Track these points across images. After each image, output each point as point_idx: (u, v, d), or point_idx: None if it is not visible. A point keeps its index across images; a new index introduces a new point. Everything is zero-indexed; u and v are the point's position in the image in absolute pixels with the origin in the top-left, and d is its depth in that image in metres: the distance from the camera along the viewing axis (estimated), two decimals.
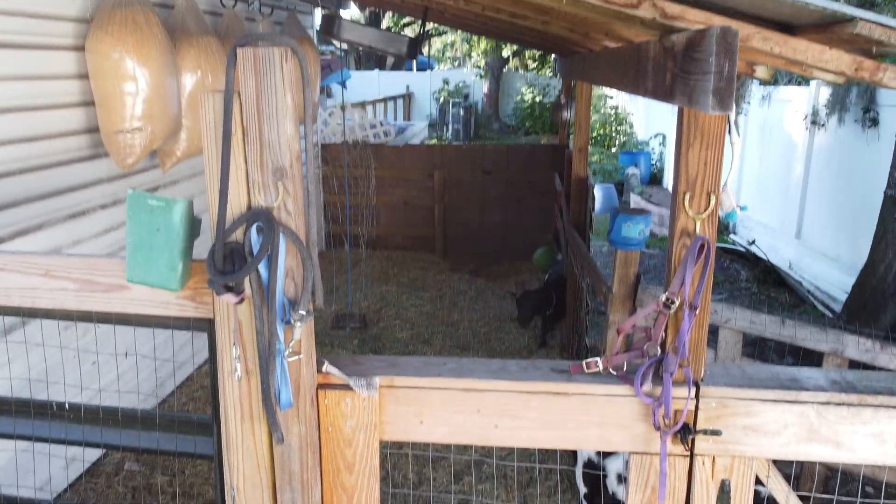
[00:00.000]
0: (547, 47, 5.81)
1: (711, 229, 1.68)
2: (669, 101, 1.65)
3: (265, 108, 1.56)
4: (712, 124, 1.62)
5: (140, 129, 3.18)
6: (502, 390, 1.79)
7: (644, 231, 3.11)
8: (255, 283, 1.61)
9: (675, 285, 1.68)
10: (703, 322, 1.72)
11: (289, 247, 1.63)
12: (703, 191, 1.65)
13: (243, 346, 1.70)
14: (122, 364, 3.52)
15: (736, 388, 1.74)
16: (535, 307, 5.57)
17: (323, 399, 1.81)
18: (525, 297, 5.63)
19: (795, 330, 2.84)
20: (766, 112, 8.97)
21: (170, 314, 1.84)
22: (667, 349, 1.73)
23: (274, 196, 1.60)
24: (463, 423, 1.81)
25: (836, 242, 7.09)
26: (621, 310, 3.20)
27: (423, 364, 1.89)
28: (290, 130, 1.57)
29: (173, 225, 1.67)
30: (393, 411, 1.82)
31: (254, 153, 1.59)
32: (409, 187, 7.98)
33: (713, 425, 1.75)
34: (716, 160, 1.64)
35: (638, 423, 1.77)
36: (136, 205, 1.69)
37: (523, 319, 5.62)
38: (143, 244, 1.69)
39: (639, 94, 2.06)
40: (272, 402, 1.65)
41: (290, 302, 1.64)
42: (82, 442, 2.01)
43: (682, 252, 1.69)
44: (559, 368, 1.86)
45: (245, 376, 1.72)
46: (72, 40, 3.27)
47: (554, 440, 1.81)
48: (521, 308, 5.61)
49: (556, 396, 1.78)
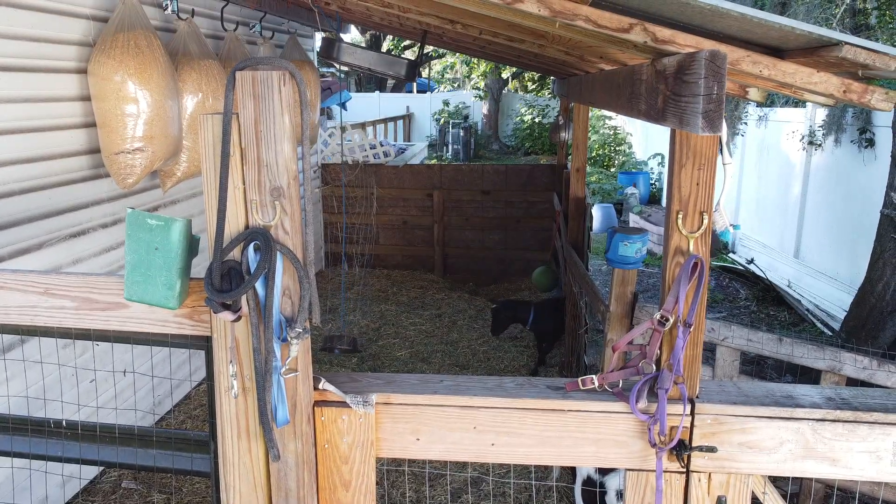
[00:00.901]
0: (544, 70, 5.88)
1: (705, 248, 1.70)
2: (661, 123, 1.68)
3: (263, 129, 1.59)
4: (704, 145, 1.64)
5: (141, 149, 3.22)
6: (498, 407, 1.80)
7: (641, 250, 3.13)
8: (252, 302, 1.63)
9: (669, 303, 1.70)
10: (698, 339, 1.74)
11: (286, 265, 1.64)
12: (695, 210, 1.68)
13: (240, 363, 1.71)
14: (121, 382, 3.53)
15: (731, 405, 1.75)
16: (510, 317, 5.68)
17: (319, 416, 1.81)
18: (502, 307, 5.76)
19: (793, 348, 2.85)
20: (764, 132, 9.04)
21: (168, 332, 1.85)
22: (662, 366, 1.75)
23: (271, 215, 1.63)
24: (459, 441, 1.82)
25: (834, 261, 7.12)
26: (619, 328, 3.21)
27: (420, 381, 1.90)
28: (287, 151, 1.60)
29: (172, 244, 1.69)
30: (389, 428, 1.83)
31: (252, 173, 1.61)
32: (408, 207, 8.02)
33: (709, 442, 1.75)
34: (708, 180, 1.66)
35: (634, 440, 1.77)
36: (135, 224, 1.71)
37: (495, 328, 5.77)
38: (142, 263, 1.71)
39: (633, 116, 2.09)
40: (269, 419, 1.66)
41: (286, 320, 1.66)
42: (79, 459, 2.02)
43: (675, 270, 1.71)
44: (555, 386, 1.87)
45: (242, 394, 1.73)
46: (75, 63, 3.32)
47: (550, 457, 1.82)
48: (495, 318, 5.75)
49: (552, 413, 1.78)
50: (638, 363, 1.78)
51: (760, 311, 7.09)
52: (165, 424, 4.31)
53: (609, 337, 3.21)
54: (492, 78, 22.46)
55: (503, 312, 5.71)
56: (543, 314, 5.62)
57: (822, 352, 2.81)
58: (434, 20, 3.32)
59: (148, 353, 3.86)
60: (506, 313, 5.70)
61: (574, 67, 3.67)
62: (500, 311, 5.73)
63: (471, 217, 7.92)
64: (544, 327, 5.62)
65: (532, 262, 7.54)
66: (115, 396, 3.21)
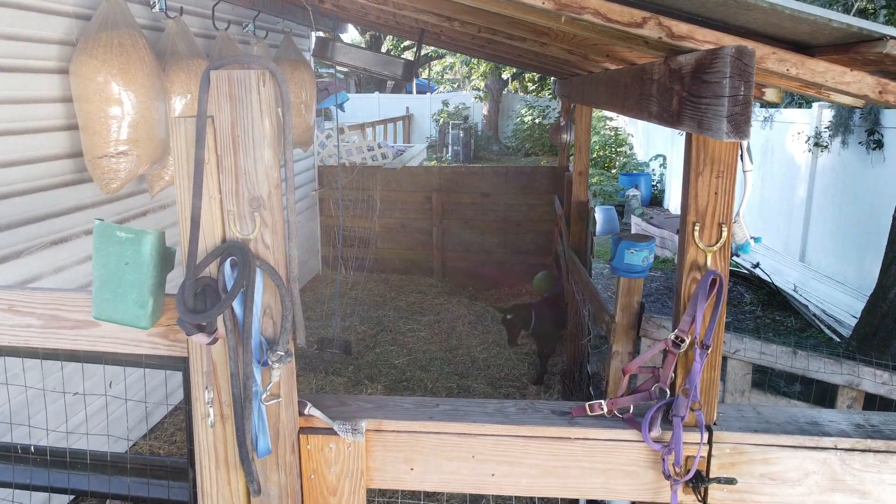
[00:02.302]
0: (545, 70, 5.74)
1: (723, 263, 1.56)
2: (676, 127, 1.54)
3: (241, 134, 1.45)
4: (723, 151, 1.50)
5: (125, 153, 3.08)
6: (499, 435, 1.66)
7: (648, 258, 3.00)
8: (229, 322, 1.49)
9: (684, 323, 1.56)
10: (716, 362, 1.60)
11: (266, 282, 1.51)
12: (713, 222, 1.54)
13: (217, 389, 1.57)
14: (93, 404, 3.37)
15: (752, 433, 1.61)
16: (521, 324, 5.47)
17: (305, 444, 1.68)
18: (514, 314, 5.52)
19: (808, 361, 2.71)
20: (768, 133, 8.90)
21: (141, 352, 1.71)
22: (676, 391, 1.61)
23: (250, 228, 1.49)
24: (457, 471, 1.68)
25: (841, 265, 6.97)
26: (624, 339, 3.08)
27: (414, 406, 1.76)
28: (267, 158, 1.46)
29: (143, 258, 1.55)
30: (381, 457, 1.69)
31: (228, 182, 1.47)
32: (406, 210, 7.87)
33: (727, 473, 1.61)
34: (727, 189, 1.52)
35: (646, 471, 1.63)
36: (103, 236, 1.57)
37: (512, 339, 5.57)
38: (112, 279, 1.57)
39: (642, 119, 1.95)
40: (248, 449, 1.52)
41: (267, 341, 1.52)
42: (48, 487, 1.87)
43: (692, 287, 1.57)
44: (560, 410, 1.73)
45: (220, 421, 1.59)
46: (56, 63, 3.18)
47: (555, 489, 1.68)
48: (509, 329, 5.53)
49: (558, 441, 1.65)
50: (650, 387, 1.64)
51: (766, 315, 6.95)
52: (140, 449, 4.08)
53: (615, 349, 3.07)
54: (492, 79, 22.32)
55: (515, 320, 5.47)
56: (543, 316, 5.42)
57: (839, 366, 2.67)
58: (431, 17, 3.18)
59: (125, 373, 3.71)
60: (517, 320, 5.47)
61: (577, 67, 3.54)
62: (513, 321, 5.47)
63: (470, 220, 7.77)
64: (545, 331, 5.43)
65: (533, 267, 7.39)
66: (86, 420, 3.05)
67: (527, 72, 15.57)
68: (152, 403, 4.17)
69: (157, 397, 4.20)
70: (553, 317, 5.48)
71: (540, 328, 5.40)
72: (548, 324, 5.43)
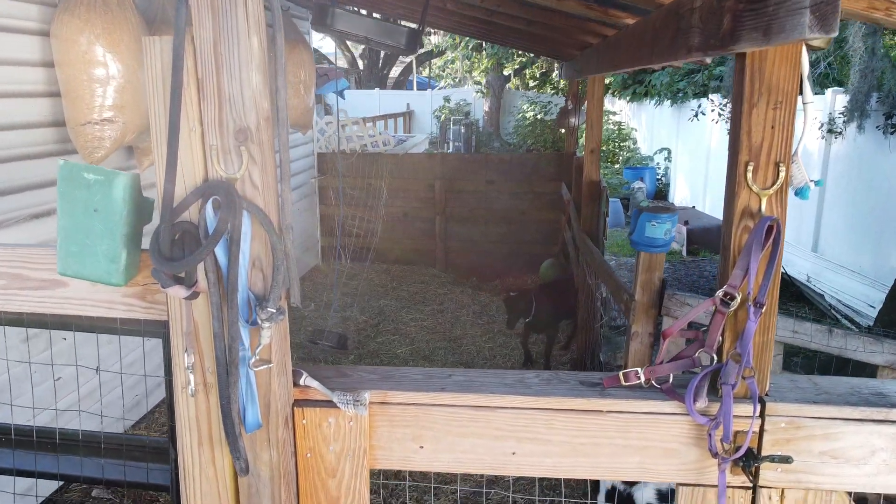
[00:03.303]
0: (551, 48, 5.54)
1: (781, 208, 1.36)
2: (728, 50, 1.34)
3: (225, 54, 1.25)
4: (781, 77, 1.30)
5: (110, 120, 2.88)
6: (521, 407, 1.46)
7: (670, 231, 2.80)
8: (212, 275, 1.29)
9: (735, 277, 1.36)
10: (770, 324, 1.40)
11: (255, 229, 1.30)
12: (769, 160, 1.34)
13: (200, 353, 1.37)
14: (87, 383, 3.18)
15: (810, 405, 1.41)
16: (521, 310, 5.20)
17: (300, 418, 1.48)
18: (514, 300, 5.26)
19: (846, 340, 2.51)
20: None
21: (115, 315, 1.51)
22: (725, 356, 1.41)
23: (237, 165, 1.29)
24: (472, 449, 1.48)
25: (856, 254, 6.77)
26: (645, 319, 2.88)
27: (424, 376, 1.56)
28: (255, 83, 1.26)
29: (114, 204, 1.35)
30: (386, 434, 1.49)
31: (211, 111, 1.27)
32: (408, 198, 7.66)
33: (782, 450, 1.41)
34: (786, 122, 1.33)
35: (688, 449, 1.43)
36: (68, 179, 1.37)
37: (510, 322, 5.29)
38: (78, 229, 1.37)
39: (678, 59, 1.75)
40: (234, 422, 1.32)
41: (256, 298, 1.32)
42: (12, 470, 1.68)
43: (743, 236, 1.37)
44: (589, 381, 1.53)
45: (203, 391, 1.39)
46: (37, 24, 2.98)
47: (584, 469, 1.48)
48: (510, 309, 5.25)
49: (587, 415, 1.45)
50: (694, 353, 1.44)
51: (780, 306, 6.74)
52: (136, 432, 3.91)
53: (634, 329, 2.87)
54: (493, 75, 22.10)
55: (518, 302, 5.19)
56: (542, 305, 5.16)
57: (880, 344, 2.47)
58: None
59: (126, 346, 3.51)
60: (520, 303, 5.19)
61: (591, 33, 3.33)
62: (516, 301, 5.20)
63: (474, 209, 7.56)
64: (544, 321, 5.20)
65: (538, 256, 7.18)
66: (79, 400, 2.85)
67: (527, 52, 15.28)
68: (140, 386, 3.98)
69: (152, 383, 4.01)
70: (552, 306, 5.25)
71: (539, 317, 5.17)
72: (547, 313, 5.21)
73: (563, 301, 5.36)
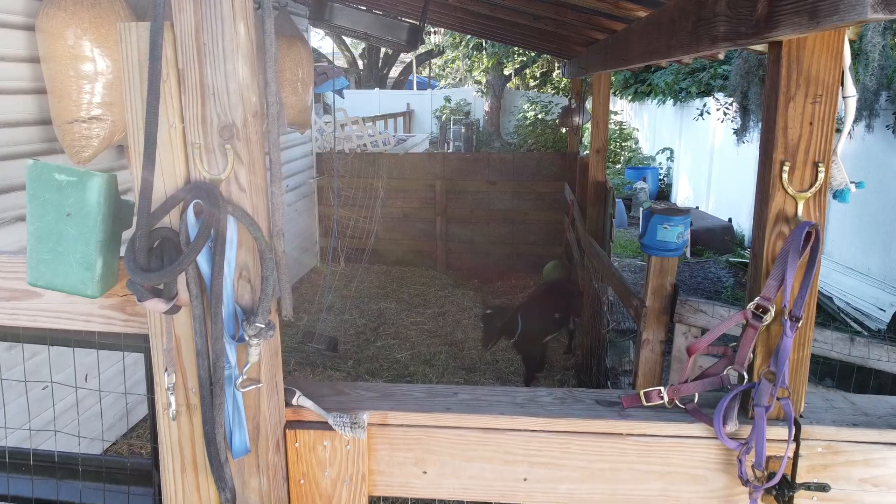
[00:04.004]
0: (555, 46, 5.42)
1: (819, 213, 1.24)
2: (762, 39, 1.22)
3: (208, 42, 1.13)
4: (822, 68, 1.18)
5: (99, 118, 2.76)
6: (533, 430, 1.34)
7: (683, 234, 2.68)
8: (194, 286, 1.17)
9: (769, 288, 1.24)
10: (806, 339, 1.28)
11: (242, 235, 1.18)
12: (807, 160, 1.22)
13: (182, 371, 1.25)
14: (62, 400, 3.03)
15: (849, 428, 1.29)
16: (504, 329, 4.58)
17: (293, 441, 1.36)
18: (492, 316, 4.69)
19: (868, 349, 2.39)
20: None
21: (92, 329, 1.39)
22: (756, 375, 1.29)
23: (221, 165, 1.17)
24: (480, 474, 1.36)
25: (864, 256, 6.65)
26: (656, 326, 2.76)
27: (427, 395, 1.44)
28: (242, 74, 1.14)
29: (89, 207, 1.23)
30: (387, 458, 1.37)
31: (193, 105, 1.15)
32: (408, 198, 7.53)
33: (818, 477, 1.30)
34: (826, 118, 1.21)
35: (717, 475, 1.32)
36: (38, 180, 1.25)
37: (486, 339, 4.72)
38: (50, 234, 1.25)
39: (699, 51, 1.63)
40: (218, 449, 1.20)
41: (244, 311, 1.20)
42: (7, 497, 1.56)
43: (777, 243, 1.25)
44: (606, 400, 1.41)
45: (186, 412, 1.28)
46: (22, 18, 2.86)
47: (601, 496, 1.36)
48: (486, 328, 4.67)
49: (606, 438, 1.33)
50: (722, 370, 1.32)
51: None
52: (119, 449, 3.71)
53: (645, 337, 2.75)
54: (493, 74, 21.97)
55: (496, 321, 4.61)
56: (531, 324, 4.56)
57: None
58: None
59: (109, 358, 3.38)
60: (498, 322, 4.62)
61: (599, 27, 3.22)
62: (493, 321, 4.63)
63: (475, 209, 7.43)
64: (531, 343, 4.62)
65: (541, 258, 7.06)
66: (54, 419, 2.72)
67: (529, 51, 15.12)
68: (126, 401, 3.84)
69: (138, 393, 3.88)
70: (542, 322, 4.75)
71: (526, 338, 4.62)
72: (536, 331, 4.69)
73: (554, 310, 4.87)
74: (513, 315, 4.64)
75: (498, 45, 17.98)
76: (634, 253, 9.31)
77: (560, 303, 4.95)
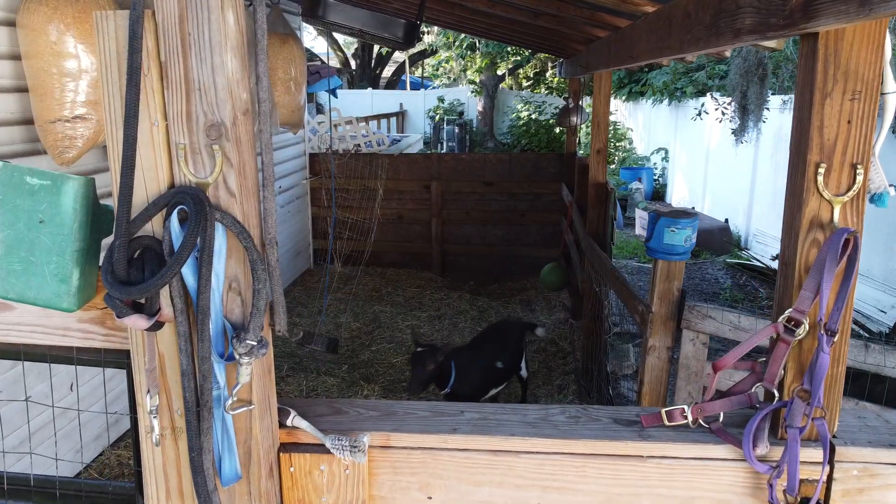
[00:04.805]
0: (554, 44, 5.33)
1: (857, 218, 1.15)
2: (797, 31, 1.13)
3: (194, 33, 1.03)
4: (861, 62, 1.09)
5: (83, 117, 2.65)
6: (546, 452, 1.25)
7: (691, 238, 2.59)
8: (179, 301, 1.07)
9: (803, 300, 1.15)
10: (842, 355, 1.19)
11: (232, 244, 1.08)
12: (845, 161, 1.13)
13: (167, 391, 1.15)
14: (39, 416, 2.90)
15: (887, 449, 1.20)
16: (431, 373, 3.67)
17: (287, 465, 1.26)
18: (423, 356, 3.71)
19: (884, 356, 2.31)
20: (781, 120, 8.51)
21: (70, 344, 1.29)
22: (788, 392, 1.19)
23: (208, 167, 1.07)
24: (489, 499, 1.27)
25: (865, 258, 6.59)
26: (662, 332, 2.67)
27: (432, 413, 1.35)
28: (231, 68, 1.04)
29: (64, 213, 1.13)
30: (389, 482, 1.28)
31: (177, 102, 1.05)
32: (403, 200, 7.43)
33: (853, 502, 1.21)
34: (866, 116, 1.12)
35: (744, 500, 1.22)
36: (8, 184, 1.16)
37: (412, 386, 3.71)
38: (21, 243, 1.15)
39: (720, 46, 1.54)
40: (206, 478, 1.10)
41: (233, 327, 1.10)
42: None
43: (811, 251, 1.16)
44: (624, 419, 1.31)
45: (171, 436, 1.17)
46: (2, 13, 2.75)
47: None
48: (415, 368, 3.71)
49: (625, 461, 1.24)
50: (749, 387, 1.23)
51: None
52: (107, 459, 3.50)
53: (651, 343, 2.66)
54: (487, 74, 21.89)
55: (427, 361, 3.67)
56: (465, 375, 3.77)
57: None
58: None
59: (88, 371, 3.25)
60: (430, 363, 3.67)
61: (600, 26, 3.12)
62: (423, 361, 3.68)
63: (471, 211, 7.33)
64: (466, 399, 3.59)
65: (538, 260, 6.96)
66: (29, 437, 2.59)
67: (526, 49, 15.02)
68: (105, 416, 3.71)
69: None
70: (482, 376, 3.93)
71: (460, 393, 3.75)
72: (473, 387, 3.87)
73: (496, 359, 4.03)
74: (445, 361, 3.73)
75: (492, 45, 17.89)
76: (631, 254, 9.23)
77: (506, 348, 4.15)
